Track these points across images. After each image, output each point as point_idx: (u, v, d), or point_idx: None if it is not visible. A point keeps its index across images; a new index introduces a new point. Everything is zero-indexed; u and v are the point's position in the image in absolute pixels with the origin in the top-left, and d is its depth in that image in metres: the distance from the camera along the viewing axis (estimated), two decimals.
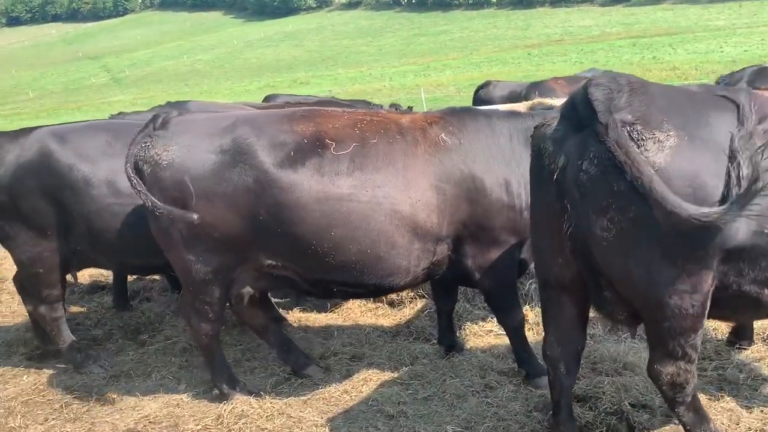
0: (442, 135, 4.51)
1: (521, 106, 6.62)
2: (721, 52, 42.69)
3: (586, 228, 3.11)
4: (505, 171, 4.49)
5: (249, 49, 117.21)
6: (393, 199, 4.30)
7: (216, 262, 4.46)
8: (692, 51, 46.40)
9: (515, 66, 51.77)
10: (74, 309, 7.25)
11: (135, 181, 4.30)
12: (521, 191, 4.48)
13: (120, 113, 7.32)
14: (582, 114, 3.08)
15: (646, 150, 2.92)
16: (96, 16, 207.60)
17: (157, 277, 7.73)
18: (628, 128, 2.95)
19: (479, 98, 14.61)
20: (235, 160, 4.28)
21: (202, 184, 4.28)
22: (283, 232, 4.31)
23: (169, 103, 8.60)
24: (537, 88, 11.46)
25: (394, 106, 12.33)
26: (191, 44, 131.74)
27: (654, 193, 2.78)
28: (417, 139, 4.49)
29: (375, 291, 4.83)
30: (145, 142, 4.43)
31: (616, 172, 2.91)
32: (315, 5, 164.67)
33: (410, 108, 11.19)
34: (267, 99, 12.28)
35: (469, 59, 66.68)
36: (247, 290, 4.78)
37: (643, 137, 2.94)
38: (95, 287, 7.90)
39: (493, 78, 39.45)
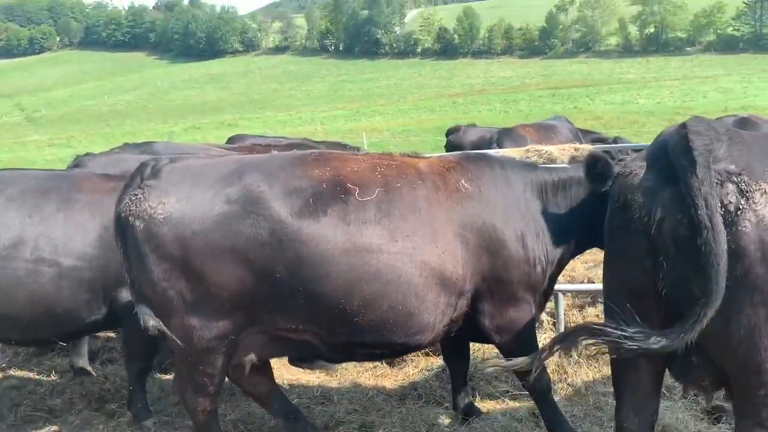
0: (462, 181, 4.22)
1: (516, 152, 6.45)
2: (637, 103, 45.24)
3: (684, 288, 2.85)
4: (521, 223, 4.24)
5: (174, 90, 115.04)
6: (422, 250, 3.93)
7: (223, 327, 3.90)
8: (609, 102, 48.97)
9: (442, 113, 52.92)
10: (21, 374, 6.36)
11: (121, 245, 3.89)
12: (535, 246, 4.26)
13: (87, 154, 6.55)
14: (678, 163, 2.84)
15: (754, 203, 2.71)
16: (9, 53, 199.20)
17: (113, 334, 6.95)
18: (735, 179, 2.74)
19: (450, 143, 14.42)
20: (246, 211, 3.78)
21: (208, 239, 3.76)
22: (305, 290, 3.80)
23: (128, 145, 7.89)
24: (508, 135, 11.33)
25: (343, 145, 12.00)
26: (112, 84, 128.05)
27: (713, 272, 2.63)
28: (437, 185, 4.16)
29: (401, 351, 4.41)
30: (135, 195, 3.87)
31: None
32: (242, 49, 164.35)
33: (357, 149, 10.91)
34: (231, 140, 11.60)
35: (397, 106, 67.84)
36: (250, 358, 4.22)
37: (751, 188, 2.73)
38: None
39: (421, 125, 40.19)
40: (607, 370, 5.22)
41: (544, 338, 5.93)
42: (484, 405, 5.17)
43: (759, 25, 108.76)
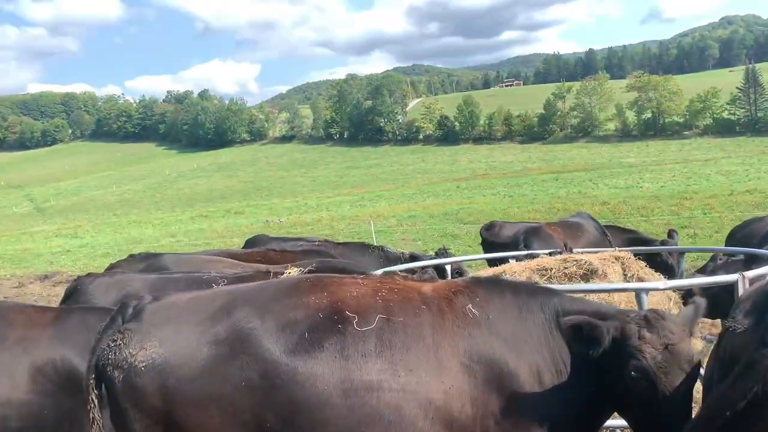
0: (469, 306, 3.80)
1: (554, 262, 6.19)
2: (641, 187, 45.53)
3: None
4: (537, 358, 3.70)
5: (182, 179, 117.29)
6: (427, 386, 3.49)
7: None
8: (613, 186, 49.33)
9: (447, 198, 53.37)
10: None
11: (94, 398, 3.46)
12: (554, 383, 3.67)
13: (89, 275, 6.10)
14: None
15: None
16: (22, 146, 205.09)
17: None
18: None
19: (485, 240, 13.96)
20: (235, 352, 3.43)
21: (193, 388, 3.39)
22: None
23: (134, 257, 7.65)
24: (535, 234, 10.85)
25: (366, 246, 11.36)
26: (121, 174, 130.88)
27: None
28: (443, 310, 3.76)
29: None
30: (114, 340, 3.51)
31: None
32: (249, 138, 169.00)
33: (382, 248, 10.60)
34: (250, 242, 11.40)
35: (401, 191, 68.58)
36: None
37: None
38: None
39: (427, 210, 40.40)
40: None
41: None
42: None
43: (754, 109, 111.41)
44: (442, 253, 10.29)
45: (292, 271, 5.05)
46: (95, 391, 3.47)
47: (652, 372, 3.40)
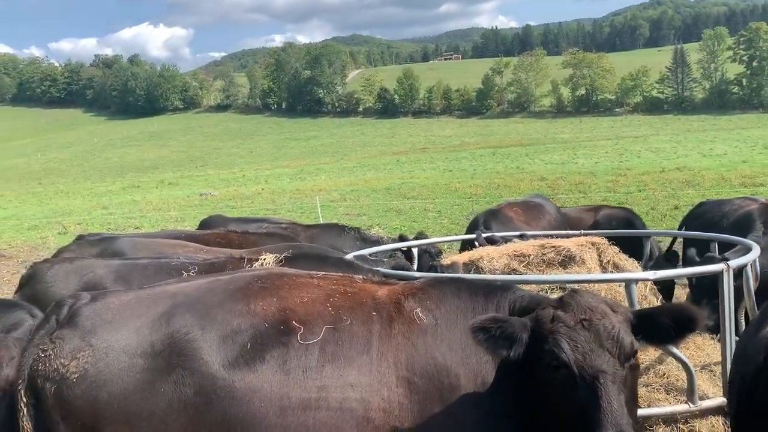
0: (418, 310, 3.48)
1: (529, 247, 6.06)
2: (576, 163, 46.72)
3: None
4: (484, 368, 3.33)
5: (111, 147, 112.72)
6: (366, 404, 3.23)
7: None
8: (549, 161, 50.44)
9: (388, 172, 53.34)
10: None
11: (23, 407, 3.15)
12: (504, 402, 3.27)
13: (45, 261, 5.62)
14: None
15: None
16: None
17: None
18: None
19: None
20: (171, 365, 3.17)
21: (125, 404, 3.13)
22: None
23: (84, 240, 7.05)
24: (495, 216, 10.38)
25: (340, 227, 10.21)
26: (46, 141, 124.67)
27: None
28: (391, 316, 3.46)
29: None
30: (44, 348, 3.21)
31: None
32: (182, 106, 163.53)
33: (358, 230, 9.77)
34: (206, 223, 10.55)
35: (341, 164, 68.14)
36: None
37: None
38: None
39: (369, 184, 40.25)
40: None
41: None
42: None
43: (681, 88, 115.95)
44: (403, 237, 9.92)
45: (267, 258, 4.80)
46: (24, 400, 3.18)
47: (568, 354, 2.91)
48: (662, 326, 3.08)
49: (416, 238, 9.20)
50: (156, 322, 3.29)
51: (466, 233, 10.33)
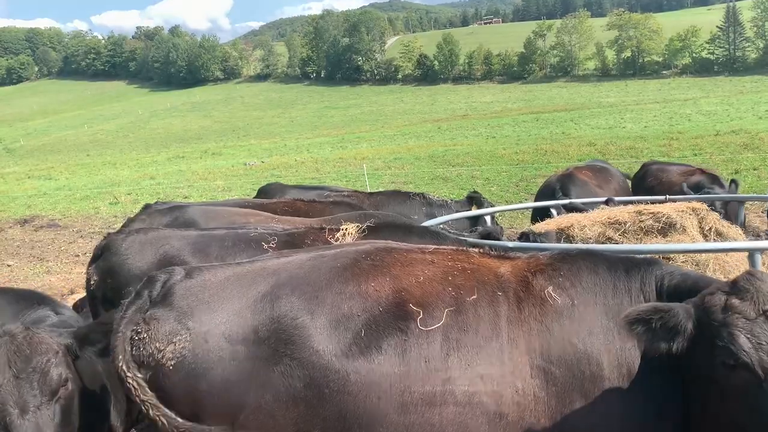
0: (550, 289, 3.06)
1: (626, 214, 5.71)
2: (624, 128, 45.38)
3: None
4: (629, 355, 2.91)
5: (155, 118, 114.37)
6: (497, 397, 2.86)
7: None
8: (595, 126, 49.12)
9: (429, 139, 52.77)
10: None
11: (135, 386, 2.88)
12: (654, 397, 2.87)
13: (120, 232, 5.51)
14: None
15: None
16: None
17: None
18: None
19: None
20: (277, 354, 2.87)
21: (226, 395, 2.86)
22: None
23: (151, 208, 6.87)
24: (571, 181, 9.77)
25: (405, 194, 9.62)
26: (92, 114, 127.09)
27: None
28: (519, 296, 3.07)
29: None
30: (138, 329, 2.95)
31: None
32: (222, 77, 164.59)
33: (423, 195, 9.29)
34: (264, 191, 10.28)
35: (381, 132, 67.69)
36: None
37: None
38: None
39: (411, 152, 39.90)
40: None
41: None
42: None
43: (732, 49, 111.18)
44: (474, 197, 9.48)
45: (349, 229, 4.59)
46: (134, 382, 2.89)
47: (750, 354, 2.44)
48: None
49: (473, 200, 8.88)
50: (259, 304, 3.00)
51: (537, 199, 9.97)
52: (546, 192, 9.89)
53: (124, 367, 2.89)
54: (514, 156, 31.33)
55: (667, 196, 7.15)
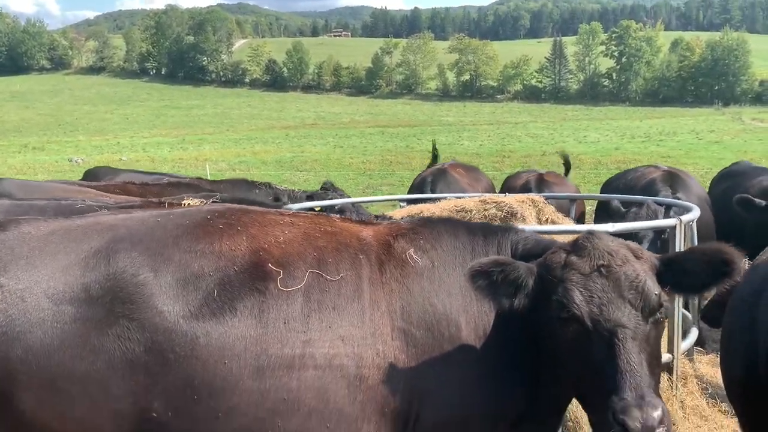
0: (411, 251, 3.02)
1: (471, 203, 5.92)
2: (462, 145, 48.06)
3: None
4: (486, 317, 2.96)
5: None
6: (358, 359, 2.76)
7: None
8: (437, 142, 51.56)
9: (277, 145, 52.31)
10: None
11: None
12: (508, 356, 2.93)
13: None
14: None
15: None
16: None
17: None
18: None
19: None
20: (113, 315, 2.54)
21: (47, 363, 2.48)
22: None
23: None
24: (442, 177, 10.03)
25: (250, 183, 9.25)
26: None
27: None
28: (381, 259, 3.01)
29: None
30: None
31: None
32: (50, 66, 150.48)
33: (267, 184, 8.82)
34: (89, 175, 9.23)
35: (226, 135, 65.94)
36: None
37: None
38: None
39: (257, 156, 39.18)
40: None
41: None
42: None
43: (558, 79, 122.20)
44: (329, 188, 9.30)
45: (192, 203, 4.20)
46: None
47: (581, 306, 2.55)
48: (693, 273, 2.69)
49: (328, 191, 8.79)
50: (91, 259, 2.63)
51: (409, 192, 10.19)
52: (418, 186, 10.20)
53: None
54: (361, 165, 31.92)
55: (506, 194, 7.76)
